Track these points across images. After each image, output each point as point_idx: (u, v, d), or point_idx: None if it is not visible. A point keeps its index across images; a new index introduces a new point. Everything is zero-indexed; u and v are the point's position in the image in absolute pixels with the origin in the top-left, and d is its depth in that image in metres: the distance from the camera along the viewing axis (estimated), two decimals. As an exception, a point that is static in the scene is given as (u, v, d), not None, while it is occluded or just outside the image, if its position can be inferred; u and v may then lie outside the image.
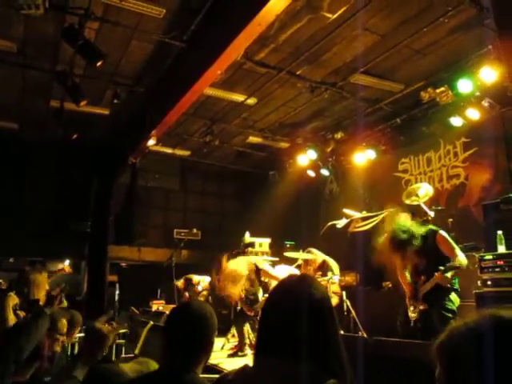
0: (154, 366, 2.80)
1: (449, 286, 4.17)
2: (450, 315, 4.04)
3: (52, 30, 6.22)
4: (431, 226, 4.43)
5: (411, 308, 4.32)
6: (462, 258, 4.10)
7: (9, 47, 6.58)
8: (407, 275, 4.51)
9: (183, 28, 6.12)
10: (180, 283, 7.99)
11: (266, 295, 6.15)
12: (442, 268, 4.02)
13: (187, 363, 1.84)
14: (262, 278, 6.16)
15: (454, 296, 4.18)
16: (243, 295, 6.26)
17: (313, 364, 1.28)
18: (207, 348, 1.93)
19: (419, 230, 4.31)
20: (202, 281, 7.93)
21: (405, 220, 4.52)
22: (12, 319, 3.28)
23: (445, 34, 6.26)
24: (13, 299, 3.60)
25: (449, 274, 4.01)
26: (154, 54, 6.89)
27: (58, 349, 2.62)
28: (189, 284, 7.87)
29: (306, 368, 1.26)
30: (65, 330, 2.58)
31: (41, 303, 3.53)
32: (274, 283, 6.24)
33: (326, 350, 1.34)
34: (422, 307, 4.21)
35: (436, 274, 4.04)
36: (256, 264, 6.17)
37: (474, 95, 6.83)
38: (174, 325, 1.95)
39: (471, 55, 6.58)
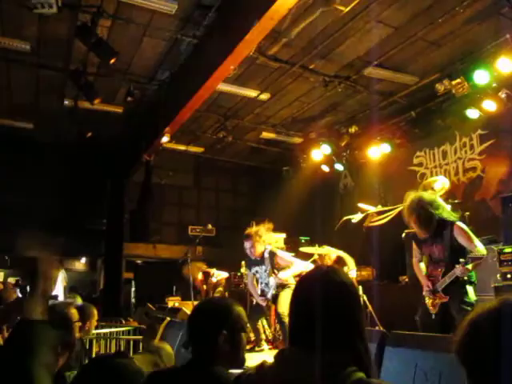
0: (167, 350, 2.79)
1: (466, 278, 4.12)
2: (470, 308, 3.98)
3: (65, 29, 6.26)
4: (450, 217, 4.36)
5: (430, 302, 4.27)
6: (481, 248, 4.03)
7: (23, 47, 6.64)
8: (423, 267, 4.46)
9: (195, 24, 6.13)
10: (200, 276, 8.01)
11: (277, 283, 6.06)
12: (462, 260, 3.95)
13: (214, 357, 1.85)
14: (277, 266, 6.09)
15: (471, 289, 4.12)
16: (257, 288, 6.24)
17: (338, 353, 1.27)
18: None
19: (441, 210, 4.26)
20: (218, 275, 7.95)
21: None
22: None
23: (460, 25, 6.16)
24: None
25: (470, 267, 3.94)
26: (167, 51, 6.90)
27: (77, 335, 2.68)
28: (207, 277, 7.92)
29: (330, 357, 1.25)
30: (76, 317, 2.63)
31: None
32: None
33: (353, 335, 1.34)
34: (442, 300, 4.16)
35: (457, 266, 3.97)
36: (271, 250, 6.13)
37: (491, 86, 6.71)
38: (198, 320, 1.97)
39: (487, 45, 6.47)
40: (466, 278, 4.11)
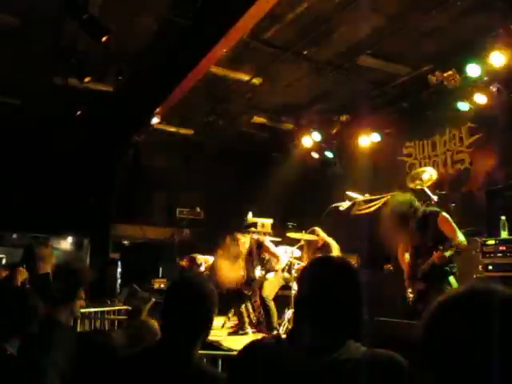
0: (152, 325, 2.80)
1: (447, 269, 4.18)
2: None
3: (56, 5, 6.13)
4: (433, 208, 4.43)
5: (409, 289, 4.36)
6: (461, 239, 4.12)
7: (12, 22, 6.50)
8: (407, 256, 4.53)
9: (189, 5, 6.04)
10: (184, 262, 7.97)
11: (263, 272, 6.17)
12: (441, 247, 4.03)
13: (186, 341, 1.81)
14: (262, 255, 6.17)
15: (452, 279, 4.19)
16: (244, 277, 6.29)
17: (342, 330, 1.45)
18: (207, 325, 1.91)
19: (419, 204, 4.33)
20: (206, 261, 7.91)
21: (404, 195, 4.52)
22: None
23: (454, 17, 6.15)
24: (22, 274, 3.63)
25: (447, 254, 4.01)
26: (159, 31, 6.80)
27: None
28: (193, 263, 7.84)
29: (336, 334, 1.43)
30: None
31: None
32: (273, 260, 6.25)
33: (356, 317, 1.51)
34: (420, 287, 4.23)
35: (435, 253, 4.05)
36: (258, 239, 6.18)
37: (482, 80, 6.75)
38: (174, 302, 1.90)
39: (481, 39, 6.47)
40: (447, 268, 4.18)
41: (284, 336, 1.54)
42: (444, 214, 4.27)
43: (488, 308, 0.95)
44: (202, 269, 7.84)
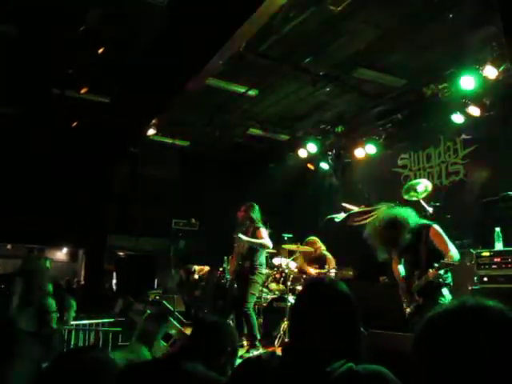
0: (145, 353, 2.81)
1: (441, 280, 4.17)
2: None
3: (54, 16, 6.16)
4: (424, 221, 4.40)
5: (406, 303, 4.34)
6: (454, 253, 4.05)
7: (10, 32, 6.52)
8: (400, 269, 4.51)
9: (186, 16, 6.08)
10: (181, 273, 7.96)
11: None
12: (436, 265, 4.00)
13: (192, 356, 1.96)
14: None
15: (446, 291, 4.17)
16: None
17: (331, 348, 1.48)
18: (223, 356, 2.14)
19: (410, 218, 4.26)
20: (201, 270, 7.88)
21: (393, 211, 4.44)
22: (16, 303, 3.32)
23: (449, 30, 6.22)
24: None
25: (442, 271, 3.99)
26: (156, 43, 6.83)
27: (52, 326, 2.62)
28: (188, 273, 7.83)
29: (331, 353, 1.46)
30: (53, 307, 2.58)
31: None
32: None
33: (354, 340, 1.57)
34: (416, 302, 4.22)
35: (430, 270, 4.03)
36: (256, 226, 6.10)
37: (476, 92, 6.80)
38: (211, 336, 2.18)
39: (475, 52, 6.55)
40: (441, 280, 4.16)
41: (279, 351, 1.62)
42: (435, 226, 4.22)
43: (477, 324, 0.96)
44: (196, 277, 7.82)
